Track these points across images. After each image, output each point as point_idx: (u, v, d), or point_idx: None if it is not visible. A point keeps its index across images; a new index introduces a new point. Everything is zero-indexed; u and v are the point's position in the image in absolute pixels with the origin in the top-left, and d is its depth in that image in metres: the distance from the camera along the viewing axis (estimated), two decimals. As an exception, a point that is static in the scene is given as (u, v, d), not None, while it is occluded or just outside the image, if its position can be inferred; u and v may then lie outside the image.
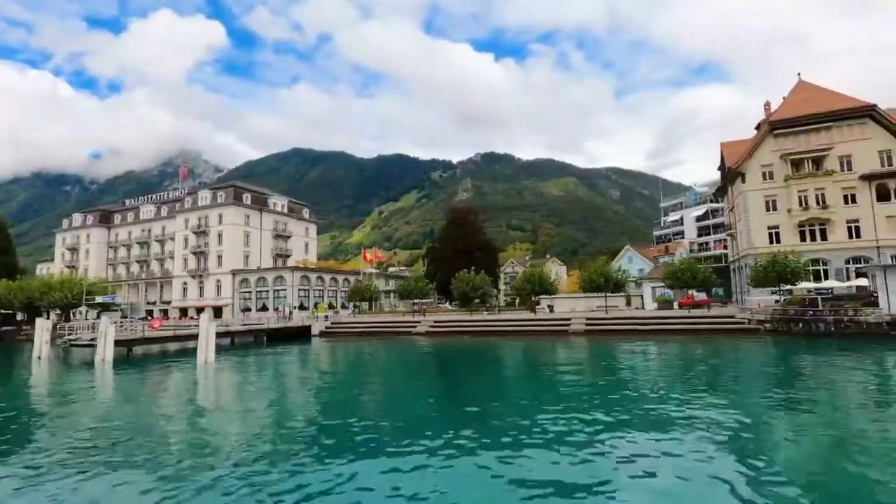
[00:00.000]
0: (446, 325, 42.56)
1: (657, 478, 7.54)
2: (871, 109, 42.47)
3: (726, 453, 8.79)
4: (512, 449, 9.12)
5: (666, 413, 11.89)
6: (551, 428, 10.58)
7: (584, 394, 14.87)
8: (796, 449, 9.24)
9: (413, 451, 9.17)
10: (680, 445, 9.24)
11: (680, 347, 26.67)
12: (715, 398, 13.52)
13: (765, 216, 45.14)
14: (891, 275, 28.82)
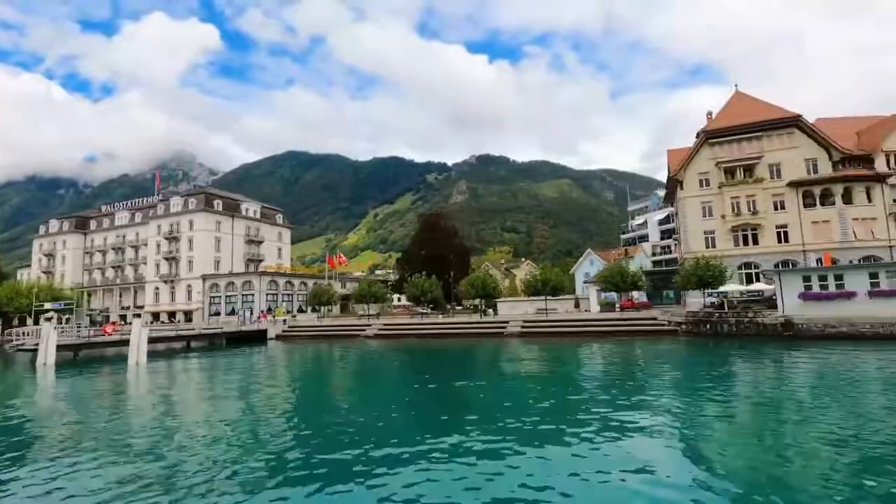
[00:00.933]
0: (395, 328, 44.99)
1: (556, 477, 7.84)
2: (797, 119, 44.96)
3: (614, 451, 9.36)
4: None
5: (552, 412, 13.16)
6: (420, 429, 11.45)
7: (469, 397, 16.36)
8: (685, 441, 10.04)
9: (311, 453, 9.58)
10: (561, 443, 9.90)
11: (597, 348, 28.96)
12: (602, 397, 14.97)
13: (701, 222, 47.57)
14: (785, 279, 31.24)
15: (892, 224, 42.58)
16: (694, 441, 10.19)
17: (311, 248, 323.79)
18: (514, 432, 10.76)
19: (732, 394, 15.09)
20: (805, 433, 10.13)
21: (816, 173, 44.36)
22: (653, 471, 8.13)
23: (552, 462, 8.75)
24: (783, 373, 18.97)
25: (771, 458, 8.78)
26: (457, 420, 12.62)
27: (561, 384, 18.04)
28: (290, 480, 8.25)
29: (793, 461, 8.57)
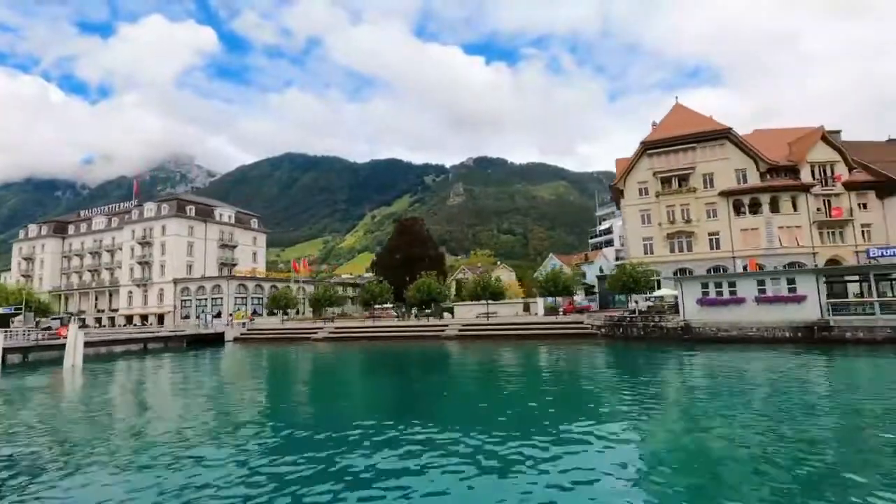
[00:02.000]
0: (344, 331, 47.76)
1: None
2: (728, 132, 47.55)
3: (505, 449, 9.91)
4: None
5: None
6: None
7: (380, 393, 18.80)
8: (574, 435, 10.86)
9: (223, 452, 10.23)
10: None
11: (521, 349, 31.62)
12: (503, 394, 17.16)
13: (640, 229, 50.22)
14: (686, 286, 33.77)
15: (815, 231, 45.10)
16: (582, 438, 10.67)
17: (309, 249, 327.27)
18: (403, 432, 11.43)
19: (621, 391, 16.69)
20: (703, 427, 11.17)
21: (746, 183, 46.92)
22: (547, 467, 8.71)
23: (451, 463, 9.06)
24: (676, 373, 21.25)
25: (670, 451, 9.64)
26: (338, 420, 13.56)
27: (468, 384, 20.62)
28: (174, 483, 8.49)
29: (691, 453, 9.42)
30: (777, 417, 11.47)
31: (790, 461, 8.43)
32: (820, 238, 45.04)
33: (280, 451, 10.35)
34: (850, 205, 45.07)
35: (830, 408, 12.68)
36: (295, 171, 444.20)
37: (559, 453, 9.45)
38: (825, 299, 29.19)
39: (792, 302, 29.94)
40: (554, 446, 9.89)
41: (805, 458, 8.60)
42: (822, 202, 45.47)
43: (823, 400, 14.03)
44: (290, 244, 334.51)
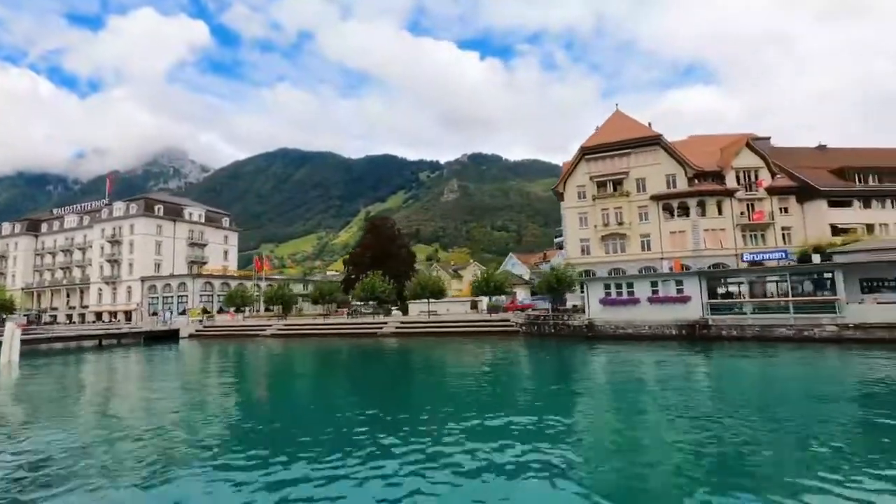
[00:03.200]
0: (293, 328, 50.71)
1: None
2: (658, 139, 50.29)
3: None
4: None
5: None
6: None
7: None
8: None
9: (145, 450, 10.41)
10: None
11: (446, 346, 34.60)
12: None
13: (578, 230, 53.10)
14: (590, 287, 36.63)
15: (738, 234, 47.92)
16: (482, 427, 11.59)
17: (303, 245, 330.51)
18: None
19: (510, 386, 18.66)
20: (575, 419, 12.87)
21: (675, 188, 49.71)
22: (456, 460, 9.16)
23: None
24: (574, 366, 24.19)
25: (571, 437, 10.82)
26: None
27: (374, 379, 23.46)
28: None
29: (588, 444, 10.47)
30: (646, 408, 13.44)
31: (664, 445, 9.97)
32: (743, 240, 47.84)
33: (176, 444, 11.02)
34: (772, 209, 47.83)
35: (687, 397, 14.81)
36: (289, 166, 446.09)
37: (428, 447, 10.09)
38: (706, 300, 32.04)
39: (679, 302, 32.83)
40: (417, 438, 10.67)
41: (677, 439, 10.18)
42: (746, 206, 48.24)
43: (681, 390, 16.11)
44: (284, 240, 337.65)
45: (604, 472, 8.61)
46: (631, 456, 9.30)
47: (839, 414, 12.01)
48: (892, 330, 26.06)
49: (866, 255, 30.03)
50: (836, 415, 11.88)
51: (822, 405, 13.31)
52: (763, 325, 29.51)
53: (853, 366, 20.44)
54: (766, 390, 16.30)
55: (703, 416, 11.86)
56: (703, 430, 10.58)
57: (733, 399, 14.63)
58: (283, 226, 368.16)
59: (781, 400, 14.10)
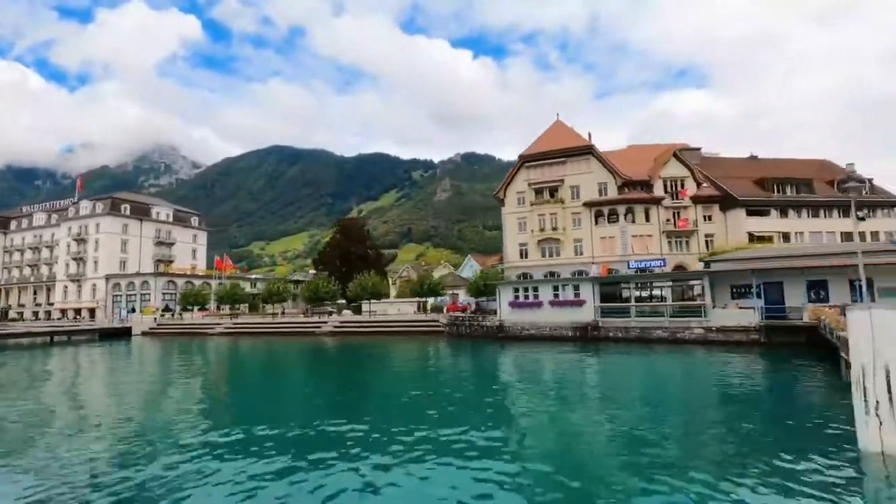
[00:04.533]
0: (241, 326, 53.71)
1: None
2: (591, 148, 53.24)
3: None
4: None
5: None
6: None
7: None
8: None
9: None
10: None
11: (374, 344, 37.62)
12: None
13: (517, 235, 56.05)
14: (502, 290, 39.56)
15: (664, 240, 50.87)
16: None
17: (294, 243, 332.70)
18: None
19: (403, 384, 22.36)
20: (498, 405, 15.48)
21: (606, 195, 52.62)
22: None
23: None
24: (477, 362, 27.39)
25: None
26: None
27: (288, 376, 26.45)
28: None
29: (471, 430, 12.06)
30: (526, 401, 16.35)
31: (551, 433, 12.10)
32: (669, 246, 50.81)
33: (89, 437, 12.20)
34: (696, 216, 50.83)
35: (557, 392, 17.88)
36: (281, 163, 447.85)
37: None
38: (598, 304, 34.99)
39: (575, 305, 35.81)
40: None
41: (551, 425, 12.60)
42: (673, 214, 51.19)
43: (555, 385, 19.19)
44: (276, 238, 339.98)
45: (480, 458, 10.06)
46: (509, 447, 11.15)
47: (674, 404, 15.37)
48: (747, 332, 29.08)
49: (731, 265, 32.99)
50: (669, 404, 15.17)
51: (650, 398, 16.53)
52: (643, 328, 32.51)
53: (699, 365, 23.54)
54: (612, 384, 19.55)
55: (568, 409, 14.77)
56: (566, 421, 13.36)
57: (591, 393, 17.75)
58: (274, 223, 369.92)
59: (622, 392, 17.45)
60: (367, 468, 9.43)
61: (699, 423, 12.78)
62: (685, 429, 12.28)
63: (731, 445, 10.76)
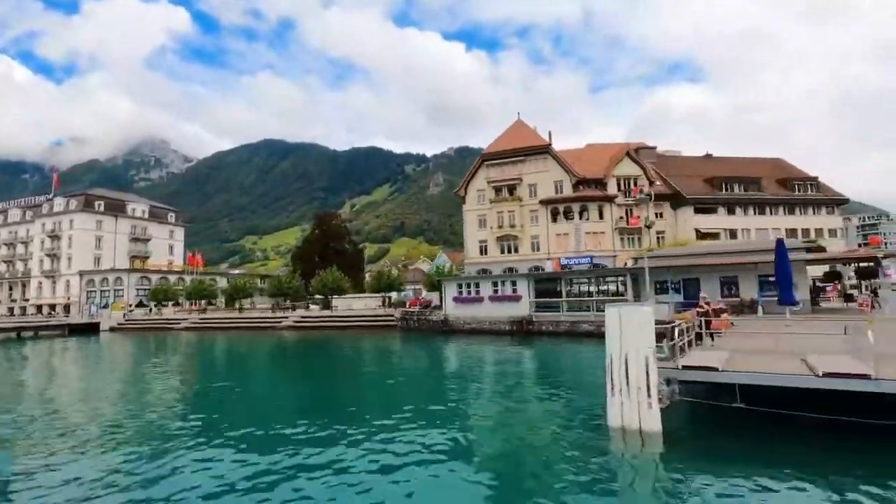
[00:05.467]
0: (206, 321, 55.50)
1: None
2: (548, 147, 54.92)
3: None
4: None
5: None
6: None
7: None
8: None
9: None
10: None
11: (326, 338, 39.60)
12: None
13: (477, 232, 57.80)
14: (446, 286, 41.35)
15: (616, 237, 52.72)
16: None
17: (287, 237, 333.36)
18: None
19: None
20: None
21: (562, 193, 54.35)
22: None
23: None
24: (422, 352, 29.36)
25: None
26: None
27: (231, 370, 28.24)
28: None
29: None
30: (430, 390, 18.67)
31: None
32: (621, 243, 52.66)
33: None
34: (649, 214, 52.50)
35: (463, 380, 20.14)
36: (273, 157, 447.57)
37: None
38: (533, 299, 36.82)
39: (512, 301, 37.65)
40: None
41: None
42: (625, 211, 52.98)
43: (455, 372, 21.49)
44: (268, 232, 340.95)
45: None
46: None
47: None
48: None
49: (653, 262, 34.79)
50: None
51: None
52: (572, 322, 34.36)
53: (585, 355, 25.20)
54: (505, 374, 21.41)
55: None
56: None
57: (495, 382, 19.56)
58: (266, 218, 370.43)
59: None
60: (260, 459, 10.18)
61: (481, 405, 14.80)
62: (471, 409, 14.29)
63: (518, 415, 12.75)
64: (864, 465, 8.54)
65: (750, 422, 10.61)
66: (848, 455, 9.15)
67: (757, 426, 10.56)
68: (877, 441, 9.31)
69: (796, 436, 10.03)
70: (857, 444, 9.41)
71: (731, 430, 10.81)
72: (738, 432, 10.69)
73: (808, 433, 9.92)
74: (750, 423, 10.64)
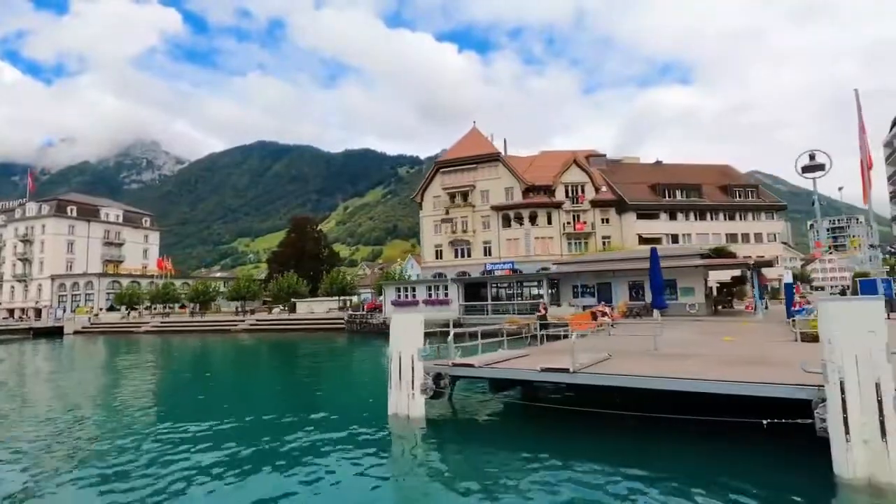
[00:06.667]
0: (168, 324, 57.56)
1: None
2: (498, 155, 57.19)
3: None
4: None
5: None
6: None
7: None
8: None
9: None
10: None
11: (274, 341, 41.68)
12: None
13: (433, 237, 60.05)
14: (387, 290, 43.53)
15: (564, 242, 54.90)
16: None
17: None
18: None
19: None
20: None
21: (513, 200, 56.55)
22: None
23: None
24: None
25: None
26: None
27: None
28: None
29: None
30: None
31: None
32: (568, 247, 54.83)
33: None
34: (594, 219, 54.83)
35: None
36: (266, 159, 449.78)
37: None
38: (463, 302, 38.99)
39: (444, 304, 39.81)
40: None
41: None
42: (573, 217, 55.18)
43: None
44: (261, 234, 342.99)
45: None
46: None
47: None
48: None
49: (568, 267, 37.04)
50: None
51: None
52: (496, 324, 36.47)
53: None
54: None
55: None
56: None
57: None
58: (259, 220, 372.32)
59: None
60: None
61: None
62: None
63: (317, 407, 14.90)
64: (591, 448, 9.89)
65: (517, 411, 12.85)
66: (580, 436, 10.61)
67: (518, 414, 12.79)
68: (613, 430, 10.70)
69: (550, 424, 11.62)
70: (593, 430, 10.79)
71: (490, 417, 12.91)
72: (495, 420, 12.76)
73: (560, 423, 11.44)
74: (514, 411, 12.88)
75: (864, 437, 7.03)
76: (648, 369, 10.92)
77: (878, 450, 6.92)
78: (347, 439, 11.52)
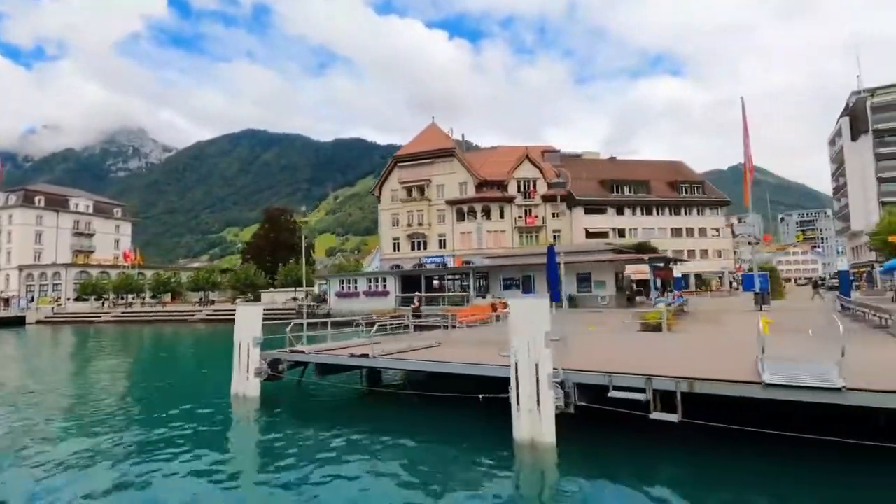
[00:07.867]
0: (128, 314, 59.41)
1: None
2: (453, 150, 59.03)
3: None
4: None
5: None
6: None
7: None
8: None
9: None
10: None
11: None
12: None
13: (391, 230, 61.99)
14: (331, 282, 45.55)
15: (516, 235, 56.93)
16: None
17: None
18: None
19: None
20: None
21: (467, 194, 58.45)
22: None
23: None
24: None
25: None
26: None
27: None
28: None
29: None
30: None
31: None
32: (520, 241, 56.87)
33: None
34: (546, 214, 56.83)
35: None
36: (255, 148, 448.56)
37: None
38: (399, 293, 41.05)
39: (382, 295, 41.86)
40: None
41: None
42: (524, 211, 57.16)
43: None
44: (249, 224, 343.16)
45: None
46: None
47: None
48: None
49: (496, 261, 39.11)
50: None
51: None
52: (427, 315, 38.54)
53: None
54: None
55: None
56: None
57: None
58: (248, 209, 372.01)
59: None
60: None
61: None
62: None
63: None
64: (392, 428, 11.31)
65: (355, 395, 14.74)
66: (444, 423, 11.51)
67: (355, 398, 14.62)
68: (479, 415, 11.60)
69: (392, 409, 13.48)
70: (460, 416, 11.67)
71: (326, 400, 14.61)
72: (327, 402, 14.49)
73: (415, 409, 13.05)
74: (354, 395, 14.72)
75: (529, 407, 9.16)
76: (447, 356, 12.93)
77: (536, 417, 9.03)
78: (186, 414, 13.37)
